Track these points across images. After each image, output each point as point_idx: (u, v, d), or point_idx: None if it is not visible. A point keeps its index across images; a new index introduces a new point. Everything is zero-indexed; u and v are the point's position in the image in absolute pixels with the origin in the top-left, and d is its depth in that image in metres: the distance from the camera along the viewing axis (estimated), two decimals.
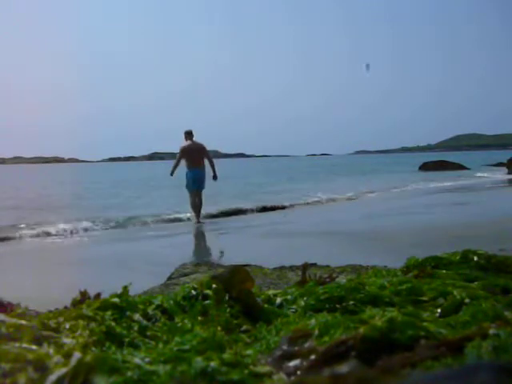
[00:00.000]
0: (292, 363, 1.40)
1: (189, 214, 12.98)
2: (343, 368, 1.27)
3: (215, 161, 12.85)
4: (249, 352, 1.54)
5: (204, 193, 12.51)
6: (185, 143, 12.37)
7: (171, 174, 12.38)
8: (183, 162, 12.40)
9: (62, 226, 12.24)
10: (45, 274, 7.50)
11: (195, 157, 12.15)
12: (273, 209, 15.82)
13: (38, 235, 11.42)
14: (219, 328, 1.79)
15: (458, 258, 2.66)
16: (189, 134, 12.31)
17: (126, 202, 20.02)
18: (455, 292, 2.08)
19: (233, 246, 9.22)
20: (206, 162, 12.64)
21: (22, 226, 12.40)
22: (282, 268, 4.30)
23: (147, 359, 1.35)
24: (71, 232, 11.80)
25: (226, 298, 2.03)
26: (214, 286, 2.06)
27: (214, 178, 12.57)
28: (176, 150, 12.90)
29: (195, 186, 12.17)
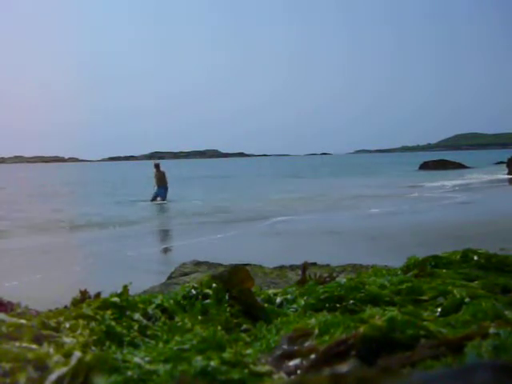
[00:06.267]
0: (292, 362, 1.40)
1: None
2: (343, 367, 1.27)
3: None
4: (249, 351, 1.53)
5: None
6: (154, 171, 19.76)
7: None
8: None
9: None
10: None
11: (159, 179, 19.62)
12: None
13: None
14: (219, 327, 1.78)
15: (458, 257, 2.65)
16: (156, 166, 19.91)
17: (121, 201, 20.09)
18: (455, 291, 2.08)
19: (233, 246, 9.22)
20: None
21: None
22: (282, 267, 4.30)
23: (147, 358, 1.35)
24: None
25: (226, 297, 2.02)
26: (214, 285, 2.06)
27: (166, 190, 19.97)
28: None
29: (161, 196, 19.54)
